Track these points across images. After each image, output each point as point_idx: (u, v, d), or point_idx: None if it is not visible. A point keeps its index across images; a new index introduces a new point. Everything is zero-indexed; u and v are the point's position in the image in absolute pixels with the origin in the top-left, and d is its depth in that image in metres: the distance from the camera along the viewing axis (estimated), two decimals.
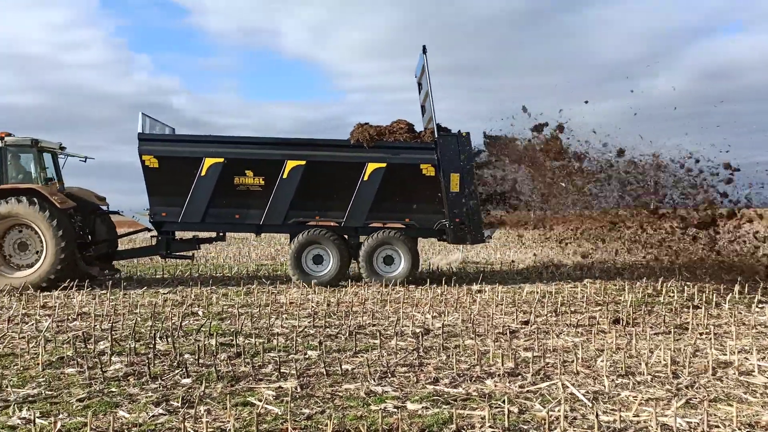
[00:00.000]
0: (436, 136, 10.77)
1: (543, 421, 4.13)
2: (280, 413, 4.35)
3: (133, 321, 7.62)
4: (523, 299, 9.26)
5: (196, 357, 5.86)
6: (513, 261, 15.08)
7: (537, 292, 9.70)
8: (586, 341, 6.64)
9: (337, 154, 10.98)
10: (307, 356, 6.01)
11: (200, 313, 8.44)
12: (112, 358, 5.86)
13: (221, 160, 10.86)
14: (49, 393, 4.86)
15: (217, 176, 10.87)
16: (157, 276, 12.96)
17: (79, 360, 5.79)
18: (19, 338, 6.79)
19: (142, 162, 10.84)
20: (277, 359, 5.76)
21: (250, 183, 10.94)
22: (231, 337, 6.77)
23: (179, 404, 4.56)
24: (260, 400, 4.59)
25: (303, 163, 10.85)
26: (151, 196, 11.10)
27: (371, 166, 10.82)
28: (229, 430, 3.99)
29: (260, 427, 4.02)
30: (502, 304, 8.75)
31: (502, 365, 5.53)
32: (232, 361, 5.80)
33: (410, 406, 4.54)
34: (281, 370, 5.44)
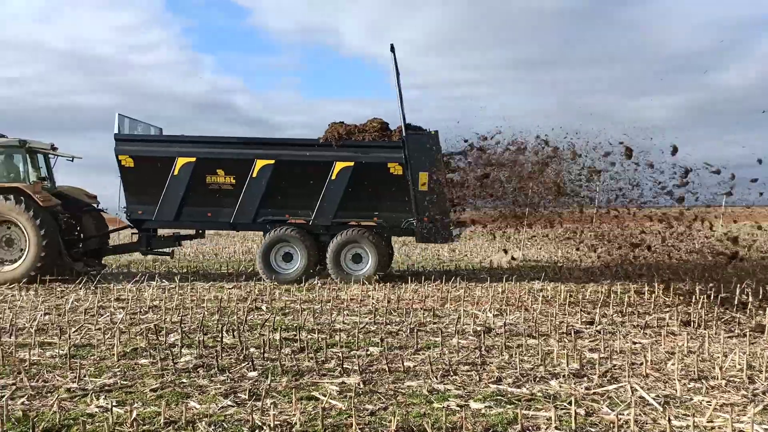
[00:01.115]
0: (404, 134, 10.73)
1: (611, 425, 4.03)
2: (344, 408, 4.41)
3: (201, 315, 7.86)
4: (587, 299, 9.04)
5: (262, 351, 6.00)
6: (575, 259, 14.75)
7: (601, 292, 9.46)
8: (655, 343, 6.42)
9: (305, 153, 11.11)
10: (369, 353, 6.06)
11: (264, 308, 8.63)
12: (182, 351, 6.07)
13: (193, 159, 11.12)
14: (124, 383, 5.07)
15: (189, 175, 11.14)
16: (222, 271, 13.33)
17: (151, 351, 6.03)
18: (95, 329, 7.11)
19: (119, 162, 11.21)
20: (340, 355, 5.83)
21: (222, 182, 11.18)
22: (294, 332, 6.90)
23: (246, 397, 4.68)
24: (324, 395, 4.66)
25: (272, 162, 11.01)
26: (128, 195, 11.49)
27: (339, 165, 10.90)
28: (295, 423, 4.07)
29: (325, 422, 4.08)
30: (565, 304, 8.57)
31: (567, 366, 5.42)
32: (295, 356, 5.91)
33: (473, 404, 4.51)
34: (344, 366, 5.50)
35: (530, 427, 4.05)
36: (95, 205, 12.66)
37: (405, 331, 7.01)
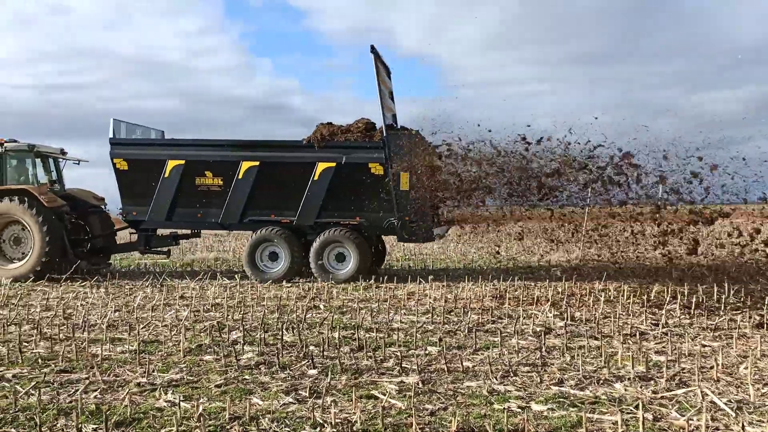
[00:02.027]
0: (384, 134, 10.75)
1: (681, 430, 3.89)
2: (403, 408, 4.41)
3: (261, 313, 8.02)
4: (652, 299, 8.74)
5: (321, 349, 6.07)
6: (637, 257, 14.28)
7: (667, 292, 9.14)
8: (726, 346, 6.16)
9: (289, 155, 11.30)
10: (427, 352, 6.05)
11: (321, 306, 8.73)
12: (245, 348, 6.21)
13: (182, 162, 11.46)
14: (190, 378, 5.23)
15: (179, 177, 11.47)
16: None
17: (215, 348, 6.19)
18: (161, 326, 7.36)
19: (113, 165, 11.65)
20: (398, 354, 5.84)
21: (210, 183, 11.48)
22: (352, 331, 6.95)
23: (307, 394, 4.75)
24: (383, 394, 4.68)
25: (257, 163, 11.25)
26: (123, 197, 11.90)
27: (321, 166, 11.04)
28: (356, 422, 4.10)
29: (385, 421, 4.10)
30: (629, 304, 8.32)
31: (633, 368, 5.26)
32: (354, 354, 5.96)
33: (535, 406, 4.43)
34: (402, 365, 5.51)
35: (595, 431, 3.95)
36: (102, 207, 13.22)
37: (463, 331, 6.96)
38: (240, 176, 11.34)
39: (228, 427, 4.07)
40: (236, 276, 11.58)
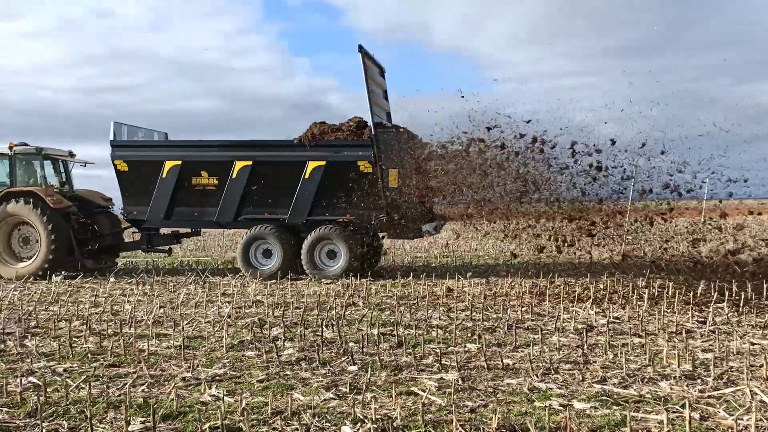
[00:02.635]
0: (373, 133, 10.89)
1: (729, 430, 3.79)
2: (443, 404, 4.41)
3: (301, 309, 8.12)
4: (698, 297, 8.52)
5: (360, 346, 6.11)
6: (683, 253, 13.92)
7: (714, 289, 8.89)
8: None
9: (280, 154, 11.53)
10: (466, 349, 6.03)
11: (360, 303, 8.78)
12: (285, 344, 6.30)
13: (179, 162, 11.76)
14: (233, 373, 5.33)
15: (176, 177, 11.76)
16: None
17: (256, 344, 6.29)
18: (204, 322, 7.52)
19: (114, 166, 12.00)
20: (437, 351, 5.84)
21: (206, 183, 11.78)
22: (391, 328, 6.98)
23: (347, 390, 4.79)
24: (423, 391, 4.68)
25: (250, 163, 11.48)
26: (124, 197, 12.25)
27: (311, 165, 11.22)
28: (396, 418, 4.12)
29: (425, 417, 4.10)
30: (673, 301, 8.13)
31: (678, 367, 5.15)
32: (393, 351, 5.98)
33: (577, 405, 4.38)
34: (442, 362, 5.50)
35: (640, 430, 3.88)
36: (109, 207, 13.57)
37: (502, 328, 6.92)
38: (234, 176, 11.61)
39: (270, 421, 4.13)
40: (277, 273, 11.70)
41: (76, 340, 6.58)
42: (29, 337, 6.80)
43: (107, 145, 12.10)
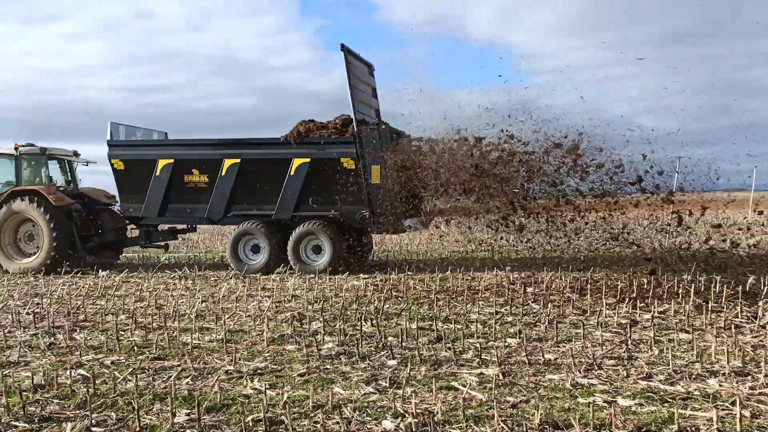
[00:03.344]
0: (355, 130, 11.10)
1: None
2: (484, 399, 4.38)
3: (340, 304, 8.16)
4: (747, 291, 8.25)
5: (399, 340, 6.11)
6: (734, 245, 13.50)
7: (763, 284, 8.59)
8: None
9: (267, 152, 11.88)
10: (506, 344, 5.97)
11: (399, 297, 8.78)
12: (325, 338, 6.34)
13: (171, 161, 12.21)
14: (274, 367, 5.39)
15: (169, 175, 12.19)
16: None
17: (296, 338, 6.35)
18: (245, 316, 7.62)
19: (111, 165, 12.51)
20: (477, 346, 5.80)
21: (197, 180, 12.19)
22: (430, 322, 6.96)
23: (387, 384, 4.79)
24: (464, 385, 4.66)
25: (238, 161, 11.85)
26: (121, 195, 12.82)
27: (297, 162, 11.52)
28: (436, 412, 4.10)
29: (466, 412, 4.08)
30: (721, 296, 7.89)
31: (728, 363, 4.99)
32: (433, 346, 5.96)
33: (621, 401, 4.29)
34: (482, 357, 5.46)
35: (688, 428, 3.78)
36: (111, 205, 13.87)
37: (543, 323, 6.82)
38: (223, 173, 11.97)
39: (312, 414, 4.17)
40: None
41: (123, 333, 6.75)
42: (78, 331, 7.01)
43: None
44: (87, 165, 14.54)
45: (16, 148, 13.22)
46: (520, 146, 9.75)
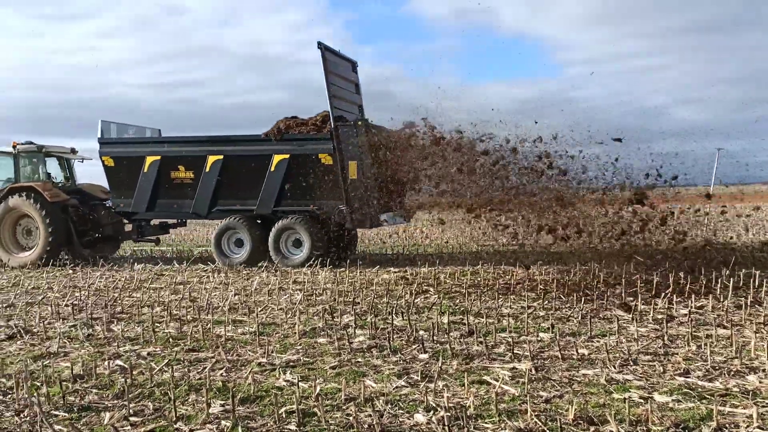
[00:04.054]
0: (332, 126, 11.36)
1: None
2: (516, 394, 4.34)
3: (371, 297, 8.18)
4: None
5: (431, 334, 6.10)
6: None
7: None
8: None
9: (248, 148, 12.13)
10: (539, 338, 5.91)
11: (430, 291, 8.76)
12: (356, 331, 6.37)
13: (158, 157, 12.55)
14: (306, 360, 5.43)
15: (156, 172, 12.55)
16: (386, 254, 13.75)
17: (328, 331, 6.39)
18: (277, 309, 7.70)
19: (102, 162, 12.94)
20: (509, 340, 5.76)
21: (183, 176, 12.53)
22: (461, 316, 6.93)
23: (419, 378, 4.79)
24: (496, 380, 4.63)
25: (221, 157, 12.15)
26: (112, 191, 13.30)
27: (277, 158, 11.78)
28: (469, 406, 4.09)
29: (499, 407, 4.05)
30: (760, 290, 7.69)
31: None
32: (464, 340, 5.94)
33: (658, 397, 4.21)
34: (514, 351, 5.42)
35: (727, 425, 3.70)
36: (108, 200, 14.15)
37: (576, 317, 6.74)
38: (207, 169, 12.27)
39: (344, 407, 4.19)
40: (344, 261, 11.84)
41: (158, 325, 6.87)
42: (115, 322, 7.16)
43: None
44: (83, 162, 15.08)
45: (14, 146, 13.80)
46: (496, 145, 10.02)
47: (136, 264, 12.49)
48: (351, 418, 3.94)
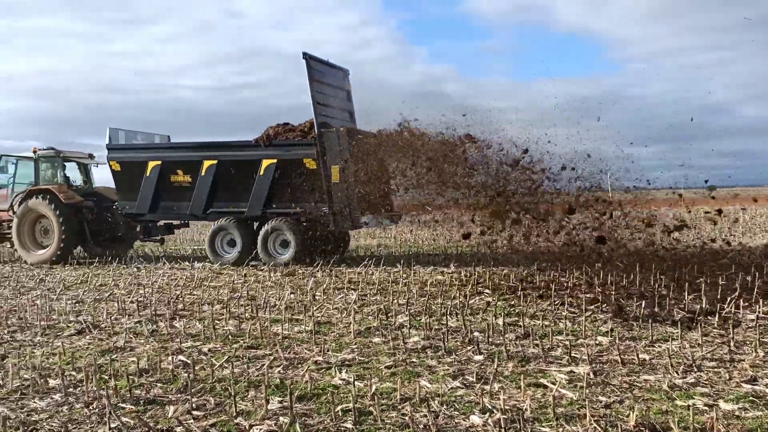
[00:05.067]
0: (316, 132, 11.85)
1: None
2: (574, 398, 4.27)
3: (425, 298, 8.18)
4: None
5: (486, 335, 6.06)
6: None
7: None
8: None
9: (240, 153, 12.85)
10: (597, 342, 5.79)
11: (485, 292, 8.70)
12: (411, 331, 6.38)
13: (159, 162, 13.31)
14: (362, 359, 5.48)
15: (157, 175, 13.26)
16: (438, 253, 13.72)
17: (382, 331, 6.43)
18: (332, 308, 7.80)
19: (110, 167, 13.78)
20: (567, 343, 5.66)
21: (181, 180, 13.25)
22: (516, 318, 6.85)
23: (474, 379, 4.77)
24: (553, 383, 4.56)
25: (215, 162, 12.84)
26: (118, 193, 14.09)
27: (265, 162, 12.41)
28: (525, 409, 4.04)
29: (556, 411, 4.00)
30: None
31: None
32: (520, 342, 5.87)
33: (723, 405, 4.07)
34: (571, 354, 5.33)
35: None
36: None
37: (636, 321, 6.56)
38: (203, 173, 12.98)
39: (400, 407, 4.21)
40: (398, 263, 11.89)
41: (218, 322, 7.07)
42: (177, 319, 7.41)
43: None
44: (97, 166, 15.91)
45: (34, 152, 14.69)
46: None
47: (196, 263, 12.87)
48: (406, 418, 3.97)
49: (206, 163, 12.98)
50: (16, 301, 8.97)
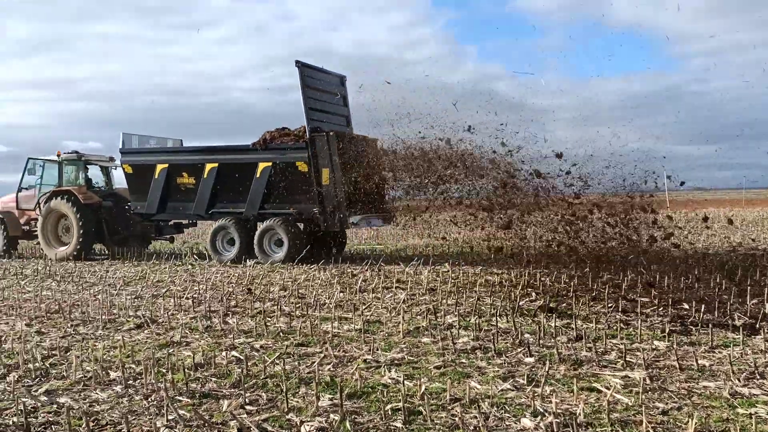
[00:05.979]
0: (308, 136, 12.64)
1: None
2: (630, 404, 4.17)
3: (474, 298, 8.12)
4: None
5: (537, 337, 5.97)
6: None
7: None
8: None
9: (238, 157, 13.60)
10: (654, 347, 5.63)
11: (533, 294, 8.57)
12: (460, 332, 6.35)
13: (166, 165, 14.18)
14: (411, 358, 5.49)
15: (165, 177, 14.14)
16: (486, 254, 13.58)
17: (431, 331, 6.42)
18: (381, 308, 7.82)
19: (123, 169, 14.77)
20: (621, 347, 5.52)
21: (186, 182, 14.11)
22: (568, 320, 6.73)
23: (524, 382, 4.71)
24: (607, 388, 4.46)
25: (216, 165, 13.68)
26: (131, 195, 14.90)
27: (261, 165, 13.19)
28: (579, 414, 3.97)
29: (611, 416, 3.91)
30: None
31: None
32: (572, 345, 5.77)
33: None
34: (626, 359, 5.20)
35: None
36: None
37: (696, 326, 6.35)
38: (205, 176, 13.81)
39: (449, 407, 4.20)
40: (446, 263, 11.83)
41: (269, 319, 7.20)
42: (230, 315, 7.57)
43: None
44: (116, 169, 16.63)
45: (58, 155, 15.67)
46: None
47: (248, 261, 13.14)
48: (456, 418, 3.95)
49: (208, 166, 13.77)
50: (79, 296, 9.35)
